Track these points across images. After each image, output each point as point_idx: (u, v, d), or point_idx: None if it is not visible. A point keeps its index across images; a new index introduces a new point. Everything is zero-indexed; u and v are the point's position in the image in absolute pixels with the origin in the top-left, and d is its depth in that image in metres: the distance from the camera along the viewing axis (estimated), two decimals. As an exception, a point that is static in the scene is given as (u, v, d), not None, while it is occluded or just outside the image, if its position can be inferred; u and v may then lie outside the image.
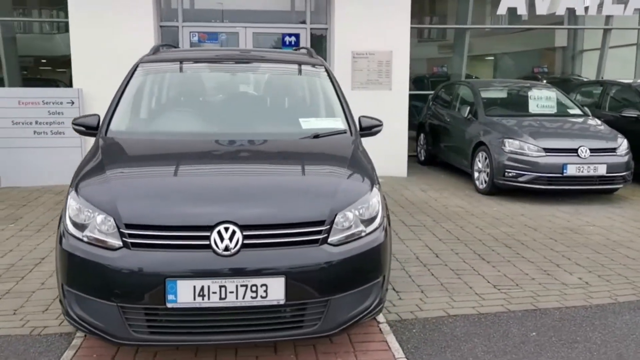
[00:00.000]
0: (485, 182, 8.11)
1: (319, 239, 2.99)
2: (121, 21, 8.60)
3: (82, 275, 2.95)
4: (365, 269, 3.17)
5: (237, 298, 2.85)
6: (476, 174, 8.40)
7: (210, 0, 9.81)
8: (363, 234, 3.18)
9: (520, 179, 7.63)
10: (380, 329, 3.65)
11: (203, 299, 2.84)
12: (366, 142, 8.67)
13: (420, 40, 14.88)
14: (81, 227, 3.00)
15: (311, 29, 9.66)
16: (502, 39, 13.88)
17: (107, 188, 3.09)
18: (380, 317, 3.81)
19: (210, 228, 2.88)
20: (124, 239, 2.88)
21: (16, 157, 8.18)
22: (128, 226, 2.90)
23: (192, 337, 2.91)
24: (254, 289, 2.86)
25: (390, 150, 9.33)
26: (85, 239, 2.95)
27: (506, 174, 7.70)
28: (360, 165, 3.57)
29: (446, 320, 3.83)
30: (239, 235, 2.88)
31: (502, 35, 13.70)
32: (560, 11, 11.48)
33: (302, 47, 5.96)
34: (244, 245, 2.89)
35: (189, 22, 9.46)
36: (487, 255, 5.25)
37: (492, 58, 15.35)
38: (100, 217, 2.95)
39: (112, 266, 2.85)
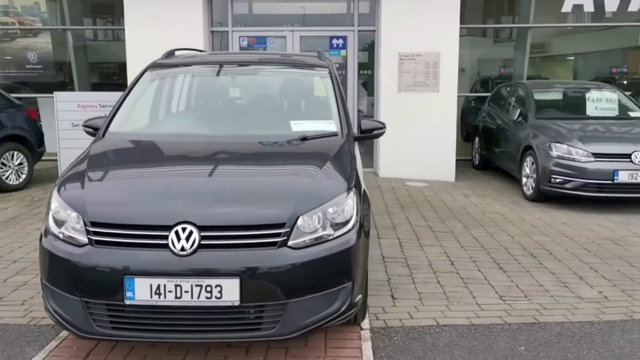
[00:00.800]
0: (532, 188, 7.76)
1: (277, 241, 2.98)
2: (173, 27, 8.93)
3: (54, 270, 3.10)
4: (330, 273, 3.12)
5: (192, 298, 2.90)
6: (524, 180, 8.07)
7: (259, 6, 9.99)
8: (330, 237, 3.14)
9: (567, 186, 7.24)
10: (360, 335, 3.58)
11: (159, 297, 2.90)
12: (409, 145, 8.57)
13: (496, 40, 14.48)
14: (60, 224, 3.15)
15: (359, 31, 9.61)
16: (578, 38, 13.20)
17: (81, 188, 3.23)
18: (365, 323, 3.74)
19: (168, 228, 2.94)
20: (89, 236, 3.00)
21: (74, 158, 8.65)
22: (93, 224, 3.01)
23: (150, 334, 2.97)
24: (208, 289, 2.89)
25: (437, 154, 9.16)
26: (61, 236, 3.09)
27: (552, 180, 7.34)
28: (338, 167, 3.52)
29: (433, 330, 3.71)
30: (195, 235, 2.93)
31: (580, 34, 13.02)
32: (634, 7, 10.83)
33: (316, 51, 5.96)
34: (201, 246, 2.93)
35: (238, 26, 9.67)
36: (506, 265, 5.03)
37: (569, 58, 14.68)
38: (73, 215, 3.09)
39: (77, 262, 2.98)
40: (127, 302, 2.91)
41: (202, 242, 2.93)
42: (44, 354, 3.34)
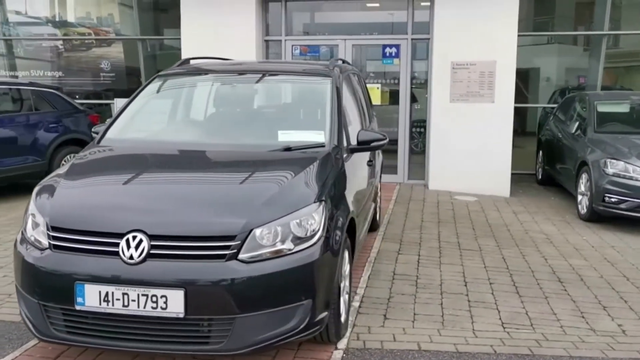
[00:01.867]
0: (586, 207, 7.24)
1: (226, 254, 2.92)
2: (226, 36, 9.11)
3: (21, 272, 3.19)
4: (285, 289, 3.02)
5: (138, 307, 2.89)
6: (579, 198, 7.54)
7: (313, 15, 10.00)
8: (290, 251, 3.04)
9: (621, 206, 6.70)
10: (331, 356, 3.44)
11: (108, 305, 2.91)
12: (461, 157, 8.27)
13: (586, 49, 13.71)
14: (33, 228, 3.24)
15: (412, 39, 9.38)
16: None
17: (51, 193, 3.32)
18: (342, 343, 3.59)
19: (120, 235, 2.95)
20: (49, 240, 3.07)
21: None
22: (53, 229, 3.08)
23: (100, 340, 2.99)
24: (154, 299, 2.88)
25: (491, 168, 8.77)
26: (32, 239, 3.19)
27: (606, 199, 6.81)
28: (309, 179, 3.41)
29: (411, 355, 3.50)
30: (145, 244, 2.92)
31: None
32: None
33: (339, 58, 5.87)
34: (150, 255, 2.92)
35: (291, 35, 9.72)
36: (525, 289, 4.69)
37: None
38: (40, 220, 3.18)
39: (36, 265, 3.06)
40: (78, 307, 2.94)
41: (152, 252, 2.92)
42: (19, 352, 3.44)
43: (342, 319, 3.64)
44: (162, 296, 2.86)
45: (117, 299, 2.89)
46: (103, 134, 4.10)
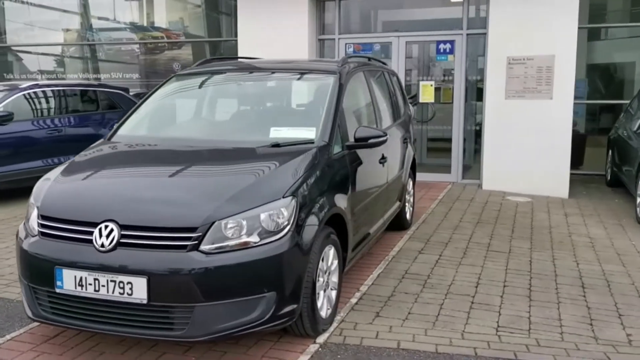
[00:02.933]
0: (644, 210, 6.78)
1: (187, 245, 3.05)
2: (280, 36, 9.31)
3: (18, 257, 3.49)
4: (246, 281, 3.10)
5: (107, 292, 3.08)
6: (638, 200, 7.06)
7: (366, 13, 9.98)
8: (255, 244, 3.13)
9: (679, 210, 6.21)
10: (306, 349, 3.49)
11: (82, 289, 3.13)
12: (517, 156, 8.05)
13: None
14: (30, 217, 3.54)
15: (468, 34, 9.14)
16: None
17: (47, 184, 3.60)
18: (322, 337, 3.63)
19: (95, 224, 3.16)
20: (38, 228, 3.34)
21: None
22: (42, 217, 3.35)
23: (76, 322, 3.21)
24: (121, 285, 3.06)
25: (548, 167, 8.41)
26: (29, 226, 3.48)
27: (663, 201, 6.34)
28: (283, 174, 3.47)
29: (387, 353, 3.47)
30: (115, 233, 3.11)
31: None
32: None
33: (364, 56, 5.84)
34: (120, 244, 3.10)
35: (345, 34, 9.76)
36: (540, 293, 4.49)
37: None
38: (34, 208, 3.47)
39: (27, 250, 3.33)
40: (57, 290, 3.18)
41: (122, 240, 3.10)
42: (23, 330, 3.75)
43: (324, 313, 3.67)
44: (127, 283, 3.04)
45: (90, 284, 3.10)
46: (115, 130, 4.36)
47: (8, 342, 3.59)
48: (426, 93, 9.48)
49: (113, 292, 3.06)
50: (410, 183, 6.45)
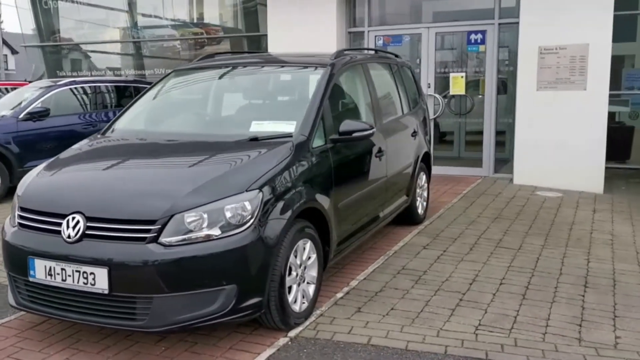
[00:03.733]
0: (677, 206, 6.40)
1: (146, 237, 3.12)
2: (308, 29, 9.33)
3: (1, 247, 3.66)
4: (205, 273, 3.15)
5: (73, 282, 3.19)
6: (673, 195, 6.68)
7: (395, 4, 9.84)
8: (215, 237, 3.17)
9: None
10: (274, 342, 3.50)
11: (51, 278, 3.26)
12: (549, 150, 7.83)
13: None
14: (15, 208, 3.70)
15: (500, 24, 8.87)
16: None
17: (29, 178, 3.75)
18: (295, 331, 3.63)
19: (64, 216, 3.28)
20: (17, 219, 3.50)
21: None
22: (21, 209, 3.50)
23: (48, 309, 3.34)
24: (85, 275, 3.16)
25: (582, 162, 8.09)
26: (14, 218, 3.65)
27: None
28: (250, 168, 3.48)
29: (354, 348, 3.43)
30: (81, 225, 3.22)
31: None
32: None
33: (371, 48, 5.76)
34: (86, 235, 3.21)
35: (374, 26, 9.66)
36: (536, 292, 4.33)
37: None
38: (16, 201, 3.63)
39: (7, 240, 3.49)
40: (31, 279, 3.32)
41: (87, 232, 3.21)
42: (14, 316, 3.94)
43: (298, 307, 3.67)
44: (91, 273, 3.14)
45: (58, 274, 3.22)
46: (110, 125, 4.50)
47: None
48: (457, 85, 9.27)
49: (78, 282, 3.17)
50: (423, 177, 6.33)
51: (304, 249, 3.73)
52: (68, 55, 14.59)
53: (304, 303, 3.76)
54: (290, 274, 3.58)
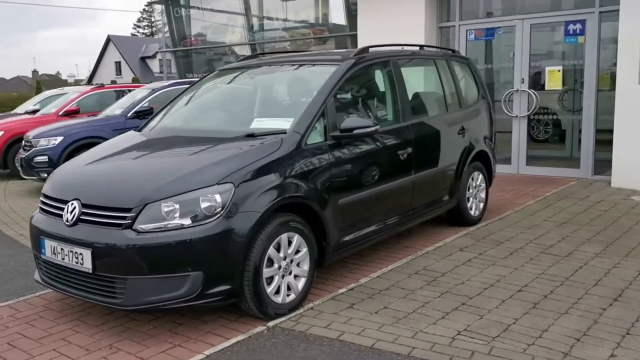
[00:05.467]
0: None
1: (122, 223, 3.43)
2: (398, 25, 9.30)
3: None
4: (173, 259, 3.39)
5: (69, 260, 3.60)
6: None
7: (488, -4, 9.43)
8: (184, 226, 3.41)
9: None
10: (248, 330, 3.66)
11: (55, 257, 3.70)
12: None
13: None
14: None
15: (601, 12, 8.17)
16: None
17: (55, 171, 4.26)
18: (275, 321, 3.75)
19: (66, 202, 3.71)
20: (39, 204, 4.01)
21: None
22: (43, 195, 4.00)
23: (57, 284, 3.79)
24: (76, 255, 3.56)
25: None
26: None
27: None
28: (228, 162, 3.65)
29: (321, 342, 3.47)
30: (77, 211, 3.62)
31: None
32: None
33: (416, 45, 5.65)
34: (80, 220, 3.61)
35: (466, 20, 9.35)
36: (552, 302, 4.03)
37: None
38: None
39: (31, 223, 4.01)
40: (42, 257, 3.80)
41: (82, 217, 3.60)
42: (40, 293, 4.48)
43: (280, 299, 3.79)
44: (80, 253, 3.52)
45: (59, 253, 3.65)
46: (147, 122, 4.92)
47: (34, 298, 4.33)
48: (553, 79, 8.69)
49: (72, 261, 3.58)
50: (479, 177, 6.09)
51: (290, 242, 3.82)
52: (194, 58, 15.78)
53: (289, 295, 3.86)
54: (272, 265, 3.70)
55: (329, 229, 4.09)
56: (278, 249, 3.75)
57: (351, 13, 12.51)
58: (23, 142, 9.46)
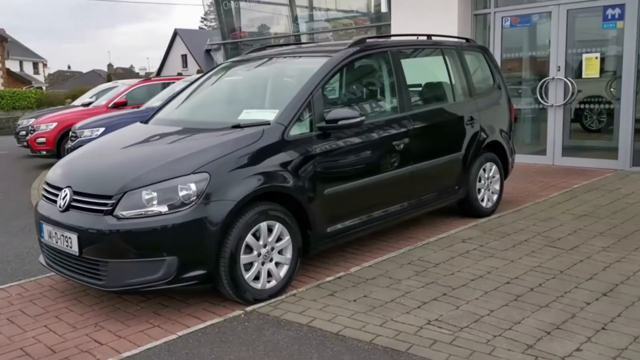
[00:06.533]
0: None
1: (104, 209, 3.65)
2: (431, 14, 9.21)
3: None
4: (149, 244, 3.58)
5: (61, 244, 3.87)
6: None
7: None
8: (161, 213, 3.59)
9: None
10: (226, 313, 3.81)
11: (51, 240, 3.98)
12: None
13: None
14: None
15: (641, -5, 7.79)
16: None
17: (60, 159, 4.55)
18: (253, 306, 3.87)
19: (60, 189, 3.97)
20: (42, 191, 4.30)
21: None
22: (46, 183, 4.29)
23: (55, 267, 4.06)
24: (66, 239, 3.81)
25: None
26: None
27: None
28: (206, 152, 3.80)
29: (289, 327, 3.56)
30: (68, 197, 3.87)
31: None
32: None
33: (425, 35, 5.60)
34: (71, 206, 3.86)
35: (501, 7, 9.13)
36: (536, 295, 3.96)
37: None
38: None
39: (35, 208, 4.31)
40: (42, 240, 4.09)
41: (72, 204, 3.85)
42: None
43: (260, 285, 3.92)
44: (69, 237, 3.77)
45: (53, 236, 3.92)
46: (154, 114, 5.15)
47: (44, 279, 4.65)
48: (590, 67, 8.38)
49: (63, 244, 3.83)
50: (492, 168, 5.99)
51: (271, 230, 3.94)
52: (243, 50, 16.08)
53: (270, 282, 3.98)
54: (251, 252, 3.83)
55: (313, 219, 4.17)
56: (258, 237, 3.87)
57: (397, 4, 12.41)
58: (70, 132, 10.00)
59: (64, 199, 3.88)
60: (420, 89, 5.31)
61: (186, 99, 5.17)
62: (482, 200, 5.88)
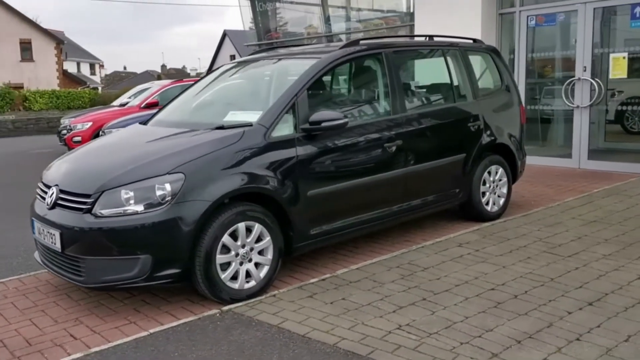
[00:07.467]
0: None
1: (83, 208, 3.76)
2: (454, 13, 9.07)
3: None
4: (124, 243, 3.67)
5: (47, 240, 4.01)
6: None
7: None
8: (137, 212, 3.68)
9: None
10: (202, 311, 3.87)
11: (39, 236, 4.13)
12: None
13: None
14: None
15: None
16: None
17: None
18: (230, 306, 3.92)
19: (49, 187, 4.12)
20: (37, 190, 4.46)
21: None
22: (41, 182, 4.45)
23: (45, 262, 4.21)
24: (51, 236, 3.95)
25: None
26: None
27: None
28: (183, 153, 3.86)
29: (258, 327, 3.58)
30: (54, 195, 4.01)
31: None
32: None
33: (428, 35, 5.51)
34: (57, 204, 3.99)
35: (526, 5, 8.91)
36: (518, 302, 3.86)
37: None
38: None
39: (30, 206, 4.48)
40: (33, 236, 4.25)
41: (58, 202, 3.99)
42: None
43: (238, 285, 3.96)
44: (53, 234, 3.91)
45: (41, 233, 4.07)
46: (153, 115, 5.26)
47: (43, 273, 4.82)
48: (617, 67, 8.08)
49: (49, 241, 3.97)
50: (499, 171, 5.86)
51: (250, 231, 3.97)
52: (277, 51, 16.20)
53: (248, 282, 4.01)
54: (228, 252, 3.88)
55: (295, 220, 4.18)
56: (236, 237, 3.91)
57: (421, 5, 12.28)
58: (100, 132, 10.32)
59: (51, 196, 4.02)
60: (416, 90, 5.25)
61: (185, 100, 5.26)
62: (487, 203, 5.76)
